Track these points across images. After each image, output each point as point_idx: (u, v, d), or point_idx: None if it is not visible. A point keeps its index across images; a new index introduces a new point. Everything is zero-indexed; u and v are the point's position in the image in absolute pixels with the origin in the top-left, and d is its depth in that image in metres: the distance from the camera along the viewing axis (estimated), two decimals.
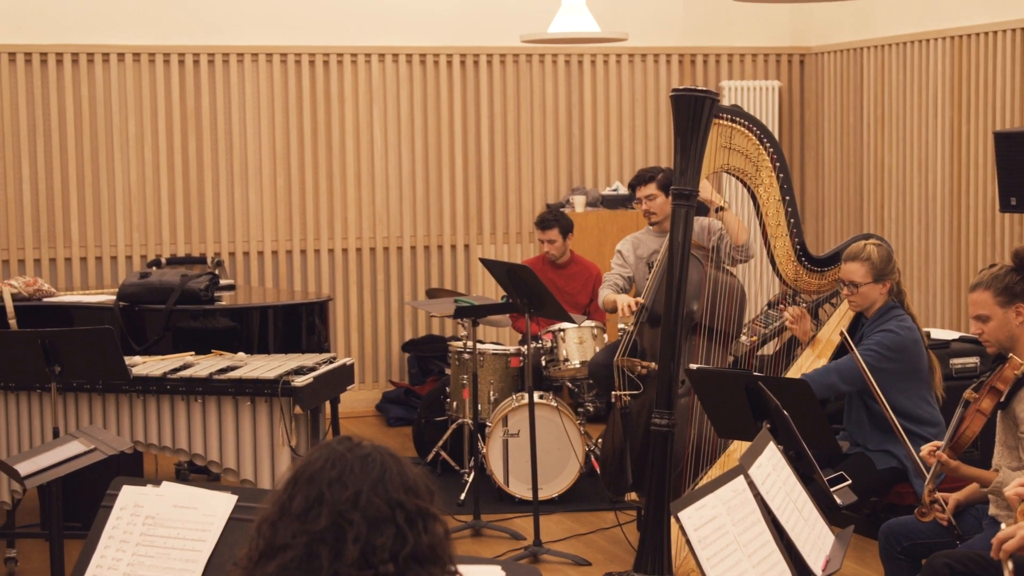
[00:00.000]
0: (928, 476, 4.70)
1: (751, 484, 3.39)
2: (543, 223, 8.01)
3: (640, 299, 6.52)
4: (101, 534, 3.48)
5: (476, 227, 9.88)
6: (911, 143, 9.16)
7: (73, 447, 4.56)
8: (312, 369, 5.93)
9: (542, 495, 6.83)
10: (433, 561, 2.19)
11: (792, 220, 6.05)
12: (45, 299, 7.32)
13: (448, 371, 7.78)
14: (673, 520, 5.31)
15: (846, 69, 9.87)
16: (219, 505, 3.28)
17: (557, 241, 7.95)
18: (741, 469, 3.42)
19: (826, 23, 10.13)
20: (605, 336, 7.51)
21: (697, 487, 5.03)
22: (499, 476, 7.20)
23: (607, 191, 9.86)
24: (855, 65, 9.75)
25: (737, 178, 6.13)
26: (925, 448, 4.75)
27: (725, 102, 9.84)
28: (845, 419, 5.87)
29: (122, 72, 9.09)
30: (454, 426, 7.60)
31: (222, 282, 7.56)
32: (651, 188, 6.94)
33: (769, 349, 6.83)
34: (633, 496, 6.38)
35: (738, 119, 5.91)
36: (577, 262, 8.12)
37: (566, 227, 7.99)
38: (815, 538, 3.61)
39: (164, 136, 9.20)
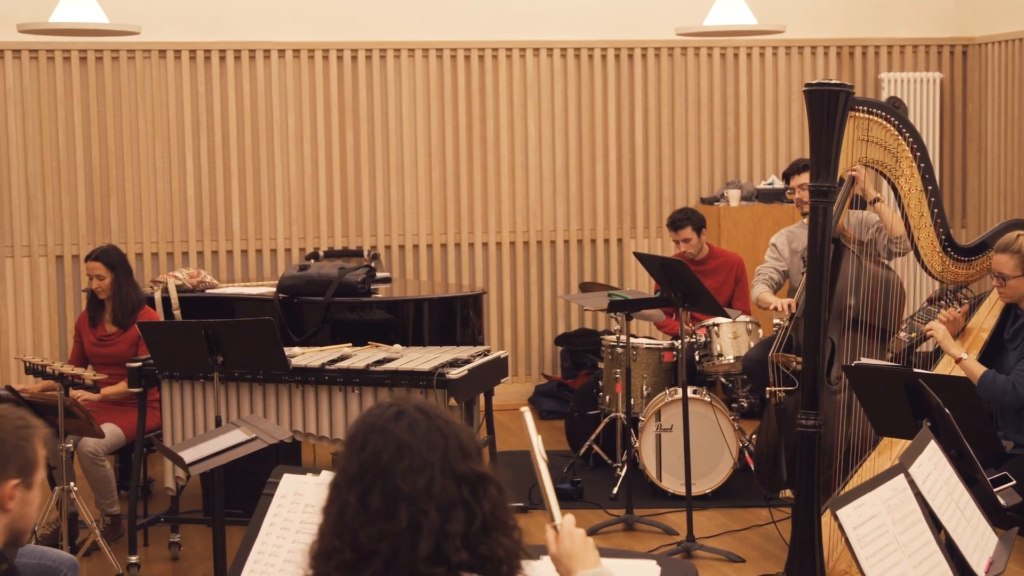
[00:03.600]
0: None
1: (911, 483, 3.33)
2: (674, 224, 7.85)
3: (793, 301, 6.45)
4: (263, 521, 3.55)
5: (629, 221, 9.85)
6: None
7: (235, 435, 4.66)
8: (467, 362, 5.97)
9: (695, 490, 6.79)
10: (497, 527, 2.17)
11: (936, 210, 5.90)
12: (208, 290, 7.52)
13: (601, 365, 7.78)
14: (825, 519, 5.26)
15: (1011, 60, 9.61)
16: None
17: (692, 239, 7.81)
18: (901, 468, 3.36)
19: (991, 12, 9.88)
20: (760, 331, 7.43)
21: (852, 485, 4.95)
22: (652, 471, 7.17)
23: (762, 185, 9.76)
24: (1021, 55, 9.49)
25: (877, 171, 6.00)
26: None
27: (884, 95, 9.66)
28: (1000, 419, 5.72)
29: (282, 68, 9.27)
30: (607, 420, 7.60)
31: (378, 275, 7.67)
32: (805, 177, 6.82)
33: (929, 346, 6.69)
34: (788, 493, 6.31)
35: (875, 110, 5.77)
36: (717, 255, 7.96)
37: (698, 223, 7.84)
38: (978, 539, 3.53)
39: (322, 131, 9.36)
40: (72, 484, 5.83)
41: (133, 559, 6.00)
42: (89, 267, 6.72)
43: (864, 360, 5.78)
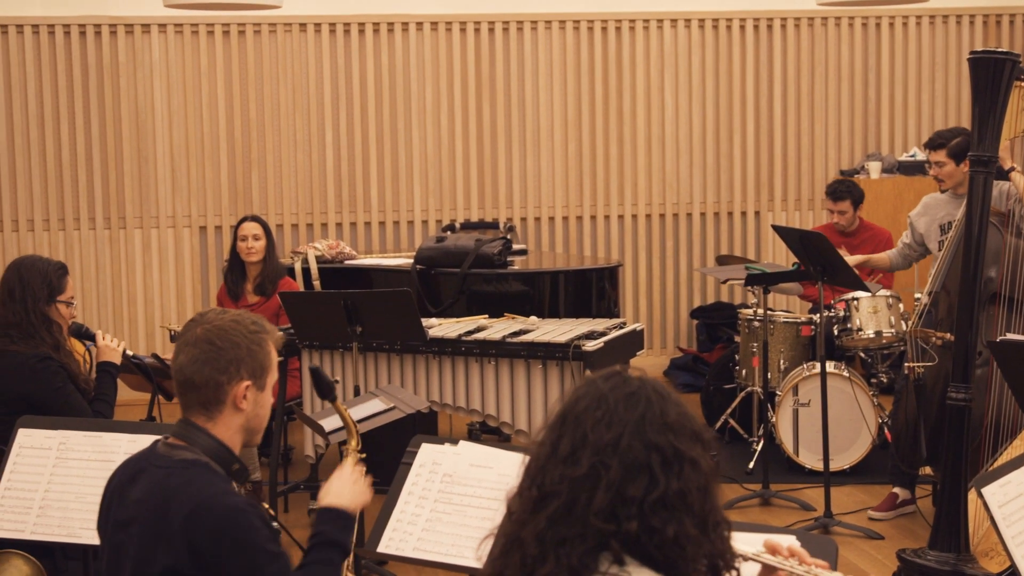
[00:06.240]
0: None
1: None
2: (835, 194, 7.85)
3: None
4: (401, 489, 3.60)
5: (767, 194, 9.75)
6: None
7: (374, 405, 4.72)
8: (603, 334, 5.96)
9: (833, 466, 6.71)
10: (680, 508, 2.11)
11: None
12: (346, 261, 7.60)
13: (737, 338, 7.72)
14: (971, 497, 5.16)
15: None
16: (514, 465, 3.33)
17: (848, 212, 7.81)
18: None
19: None
20: (900, 305, 7.30)
21: (1000, 463, 4.85)
22: (789, 446, 7.11)
23: (904, 157, 9.58)
24: None
25: None
26: None
27: None
28: None
29: (420, 41, 9.33)
30: (743, 394, 7.55)
31: (514, 247, 7.68)
32: (940, 155, 6.61)
33: None
34: (927, 470, 6.21)
35: None
36: (867, 228, 7.93)
37: (857, 198, 7.83)
38: None
39: (460, 103, 9.40)
40: None
41: (273, 525, 6.10)
42: (247, 227, 6.84)
43: (1010, 336, 5.65)
